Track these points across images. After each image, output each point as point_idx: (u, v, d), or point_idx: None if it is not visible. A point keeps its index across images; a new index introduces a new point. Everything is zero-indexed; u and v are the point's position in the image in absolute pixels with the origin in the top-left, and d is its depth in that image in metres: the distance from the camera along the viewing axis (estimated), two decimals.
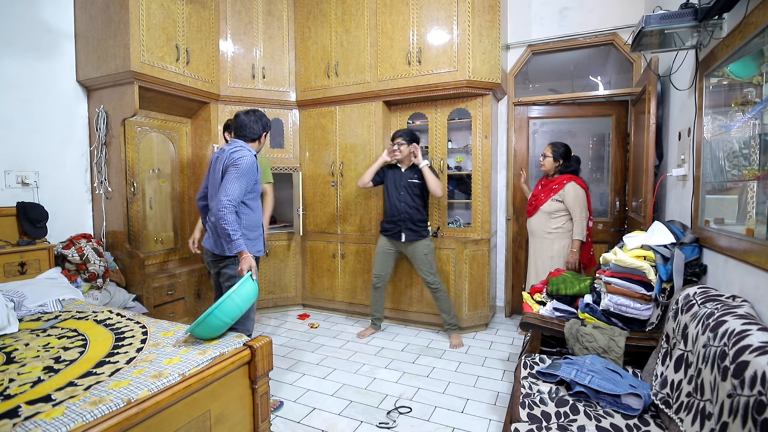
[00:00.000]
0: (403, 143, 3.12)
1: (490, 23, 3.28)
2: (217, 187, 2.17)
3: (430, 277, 3.19)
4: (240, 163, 2.11)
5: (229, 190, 2.06)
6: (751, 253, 1.41)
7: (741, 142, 1.54)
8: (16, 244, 2.63)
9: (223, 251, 2.21)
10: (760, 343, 1.06)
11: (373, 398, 2.45)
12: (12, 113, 2.74)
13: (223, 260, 2.25)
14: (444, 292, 3.24)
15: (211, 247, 2.26)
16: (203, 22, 3.44)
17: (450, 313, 3.27)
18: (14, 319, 1.97)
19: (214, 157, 2.31)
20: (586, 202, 2.99)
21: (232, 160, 2.13)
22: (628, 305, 1.92)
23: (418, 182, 3.19)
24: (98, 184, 3.13)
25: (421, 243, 3.19)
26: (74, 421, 1.15)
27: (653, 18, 1.78)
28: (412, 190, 3.18)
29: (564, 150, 3.06)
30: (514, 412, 1.50)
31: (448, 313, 3.26)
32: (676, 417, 1.33)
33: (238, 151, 2.18)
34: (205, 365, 1.56)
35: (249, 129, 2.29)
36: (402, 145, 3.12)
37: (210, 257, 2.32)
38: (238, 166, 2.11)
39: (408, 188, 3.18)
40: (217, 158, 2.27)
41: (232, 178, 2.09)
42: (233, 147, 2.22)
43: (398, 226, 3.19)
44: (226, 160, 2.16)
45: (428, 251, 3.20)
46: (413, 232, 3.17)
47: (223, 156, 2.20)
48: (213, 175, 2.27)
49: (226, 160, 2.16)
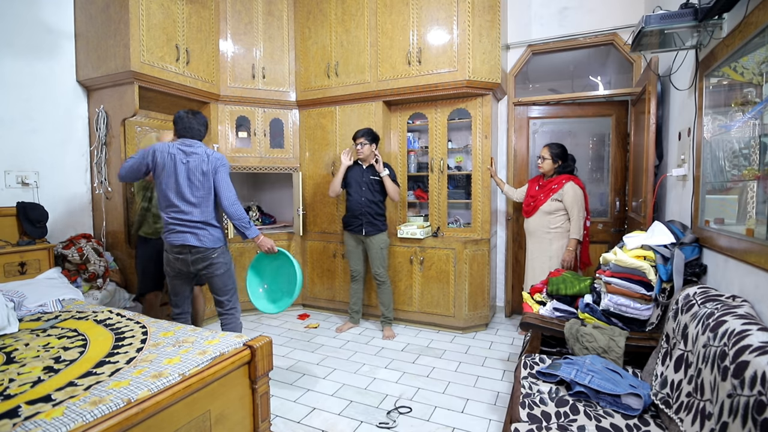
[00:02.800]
0: (366, 143, 3.27)
1: (490, 23, 3.28)
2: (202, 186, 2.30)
3: (380, 270, 3.40)
4: (225, 163, 2.37)
5: (230, 186, 2.35)
6: (751, 253, 1.41)
7: (741, 142, 1.54)
8: (16, 244, 2.63)
9: (213, 243, 2.34)
10: (760, 343, 1.06)
11: (373, 398, 2.45)
12: (12, 113, 2.74)
13: (213, 252, 2.35)
14: (389, 286, 3.46)
15: (199, 243, 2.31)
16: (203, 22, 3.44)
17: (389, 308, 3.48)
18: (14, 319, 1.97)
19: (162, 157, 2.26)
20: (584, 202, 3.02)
21: (218, 161, 2.33)
22: (628, 305, 1.92)
23: (379, 179, 3.35)
24: (98, 184, 3.13)
25: (379, 237, 3.38)
26: (74, 421, 1.15)
27: (653, 18, 1.78)
28: (373, 187, 3.35)
29: (561, 151, 3.09)
30: (514, 412, 1.50)
31: (387, 307, 3.48)
32: (676, 417, 1.33)
33: (214, 152, 2.38)
34: (205, 365, 1.56)
35: (196, 130, 2.39)
36: (365, 145, 3.27)
37: (197, 254, 2.32)
38: (225, 165, 2.37)
39: (369, 185, 3.34)
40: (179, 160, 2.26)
41: (226, 176, 2.35)
42: (206, 148, 2.36)
43: (360, 220, 3.34)
44: (212, 160, 2.31)
45: (384, 246, 3.41)
46: (373, 226, 3.35)
47: (199, 158, 2.30)
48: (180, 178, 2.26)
49: (212, 160, 2.31)
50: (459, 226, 3.67)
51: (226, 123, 3.78)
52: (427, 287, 3.55)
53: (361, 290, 3.59)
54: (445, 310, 3.50)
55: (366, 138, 3.26)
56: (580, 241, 3.01)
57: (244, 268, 3.71)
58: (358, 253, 3.46)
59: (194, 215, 2.29)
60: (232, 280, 2.47)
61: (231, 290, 2.46)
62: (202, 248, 2.31)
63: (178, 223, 2.29)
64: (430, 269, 3.52)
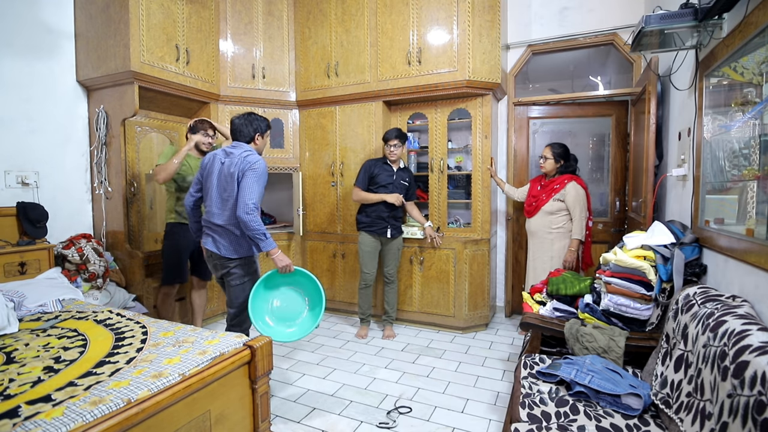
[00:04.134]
0: (400, 145, 3.26)
1: (490, 23, 3.28)
2: (226, 189, 2.20)
3: (394, 270, 3.44)
4: (257, 167, 2.17)
5: (252, 193, 2.13)
6: (751, 253, 1.41)
7: (741, 142, 1.54)
8: (16, 244, 2.63)
9: (230, 253, 2.23)
10: (760, 343, 1.06)
11: (373, 398, 2.45)
12: (12, 113, 2.74)
13: (229, 261, 2.26)
14: (396, 285, 3.50)
15: (215, 249, 2.26)
16: (203, 22, 3.44)
17: (394, 307, 3.50)
18: (14, 319, 1.97)
19: (209, 159, 2.30)
20: (586, 202, 3.01)
21: (248, 164, 2.16)
22: (628, 305, 1.92)
23: (407, 185, 3.37)
24: (98, 184, 3.13)
25: (400, 238, 3.44)
26: (74, 421, 1.15)
27: (653, 18, 1.78)
28: (401, 191, 3.34)
29: (563, 150, 3.08)
30: (514, 412, 1.50)
31: (393, 306, 3.49)
32: (676, 417, 1.33)
33: (251, 154, 2.21)
34: (205, 365, 1.56)
35: (240, 132, 2.31)
36: (399, 147, 3.26)
37: (215, 259, 2.30)
38: (256, 170, 2.16)
39: (399, 189, 3.33)
40: (218, 161, 2.25)
41: (251, 182, 2.14)
42: (244, 150, 2.24)
43: (386, 222, 3.31)
44: (240, 163, 2.17)
45: (401, 246, 3.49)
46: (397, 228, 3.39)
47: (233, 159, 2.20)
48: (213, 178, 2.25)
49: (240, 163, 2.17)
50: (459, 226, 3.67)
51: (226, 123, 3.77)
52: (427, 287, 3.55)
53: (372, 293, 3.47)
54: (445, 310, 3.50)
55: (400, 140, 3.23)
56: (582, 241, 3.00)
57: None
58: (375, 255, 3.34)
59: (216, 218, 2.23)
60: (246, 296, 2.26)
61: (240, 305, 2.29)
62: (217, 255, 2.26)
63: (205, 224, 2.32)
64: (430, 269, 3.52)
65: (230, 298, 2.31)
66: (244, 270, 2.28)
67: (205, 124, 2.92)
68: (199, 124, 2.90)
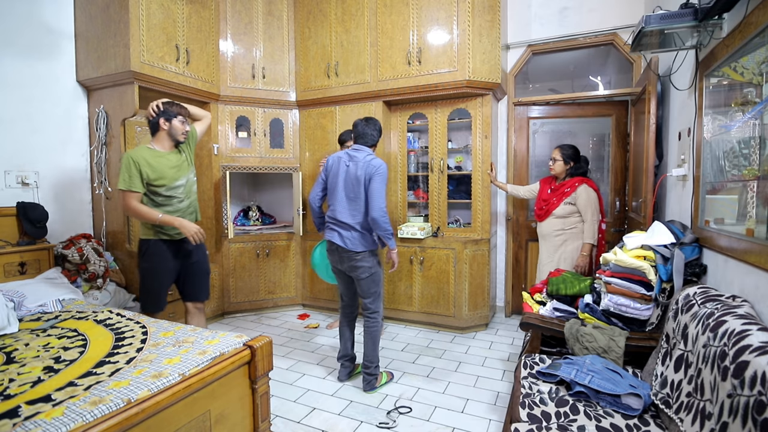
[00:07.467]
0: None
1: (490, 23, 3.28)
2: (353, 191, 2.41)
3: None
4: (382, 171, 2.40)
5: (382, 197, 2.38)
6: (751, 253, 1.41)
7: (741, 142, 1.54)
8: (16, 244, 2.63)
9: (356, 247, 2.43)
10: (760, 343, 1.06)
11: (373, 398, 2.44)
12: (12, 113, 2.74)
13: (356, 254, 2.45)
14: None
15: (342, 243, 2.45)
16: (203, 22, 3.45)
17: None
18: (14, 319, 1.97)
19: (334, 161, 2.51)
20: (598, 205, 2.91)
21: (374, 168, 2.38)
22: (628, 305, 1.92)
23: None
24: (98, 184, 3.13)
25: None
26: (74, 421, 1.15)
27: (653, 18, 1.78)
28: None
29: (573, 152, 2.97)
30: (514, 412, 1.50)
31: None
32: (676, 417, 1.33)
33: (374, 158, 2.44)
34: (205, 365, 1.56)
35: (364, 136, 2.51)
36: None
37: (342, 252, 2.47)
38: (381, 173, 2.39)
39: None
40: (343, 164, 2.46)
41: (380, 186, 2.38)
42: (366, 154, 2.46)
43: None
44: (366, 167, 2.39)
45: None
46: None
47: (357, 163, 2.41)
48: (339, 180, 2.45)
49: (366, 167, 2.39)
50: (459, 226, 3.67)
51: (226, 123, 3.78)
52: (427, 287, 3.55)
53: None
54: (445, 310, 3.50)
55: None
56: (595, 245, 2.89)
57: None
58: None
59: (343, 216, 2.44)
60: (376, 285, 2.52)
61: (374, 293, 2.52)
62: (343, 248, 2.44)
63: (330, 221, 2.51)
64: (430, 269, 3.52)
65: (363, 288, 2.51)
66: (370, 262, 2.48)
67: (181, 109, 2.40)
68: (174, 108, 2.37)
